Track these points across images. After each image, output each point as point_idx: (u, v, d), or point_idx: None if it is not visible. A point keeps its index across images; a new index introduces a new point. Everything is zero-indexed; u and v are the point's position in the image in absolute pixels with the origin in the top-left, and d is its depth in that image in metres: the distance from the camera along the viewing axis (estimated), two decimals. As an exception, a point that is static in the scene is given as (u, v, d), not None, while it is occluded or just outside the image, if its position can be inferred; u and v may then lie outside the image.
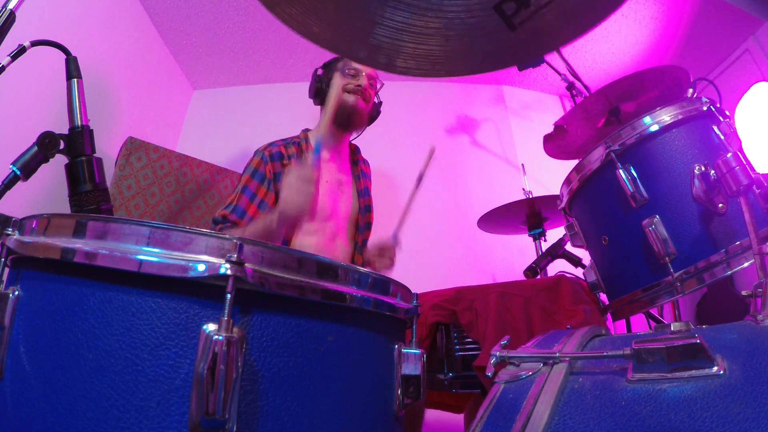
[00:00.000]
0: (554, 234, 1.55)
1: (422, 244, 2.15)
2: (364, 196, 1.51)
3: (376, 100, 1.51)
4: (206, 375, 0.39)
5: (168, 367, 0.41)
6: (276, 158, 1.33)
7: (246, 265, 0.42)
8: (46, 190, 1.36)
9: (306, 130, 1.50)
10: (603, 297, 0.94)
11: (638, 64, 2.37)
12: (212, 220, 1.30)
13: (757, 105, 1.95)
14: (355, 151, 1.58)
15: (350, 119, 1.40)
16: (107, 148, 1.67)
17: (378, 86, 1.48)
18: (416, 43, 0.55)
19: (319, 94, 1.45)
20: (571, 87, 1.75)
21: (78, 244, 0.44)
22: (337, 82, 1.40)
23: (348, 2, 0.51)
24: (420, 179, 1.33)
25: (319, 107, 1.52)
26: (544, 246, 1.46)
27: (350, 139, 1.55)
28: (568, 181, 0.93)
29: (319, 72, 1.48)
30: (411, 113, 2.52)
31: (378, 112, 1.55)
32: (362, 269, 0.55)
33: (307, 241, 1.31)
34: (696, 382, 0.38)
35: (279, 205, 1.07)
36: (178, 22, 2.09)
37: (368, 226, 1.51)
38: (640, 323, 1.35)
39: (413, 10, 0.52)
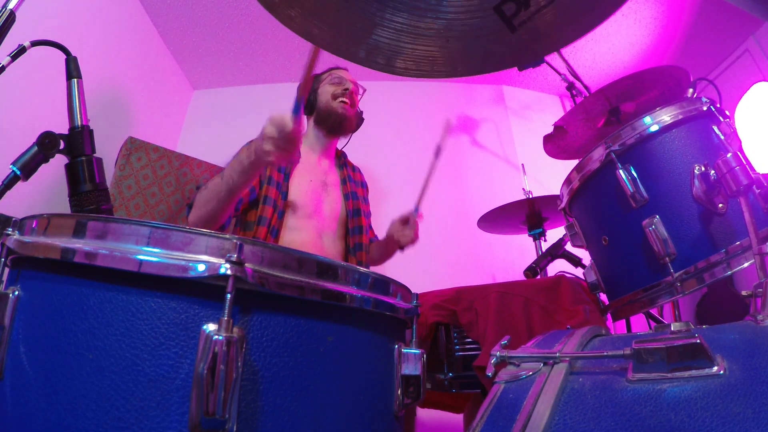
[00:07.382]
0: (554, 234, 1.55)
1: (422, 244, 2.14)
2: (352, 199, 1.52)
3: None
4: (206, 375, 0.39)
5: (168, 367, 0.41)
6: None
7: (246, 265, 0.43)
8: (46, 190, 1.36)
9: None
10: (603, 297, 0.94)
11: (638, 65, 2.37)
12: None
13: (757, 105, 1.95)
14: (341, 155, 1.62)
15: (341, 126, 1.48)
16: (107, 148, 1.65)
17: (360, 92, 1.55)
18: (416, 45, 0.55)
19: (307, 106, 1.51)
20: (571, 87, 1.76)
21: (78, 244, 0.44)
22: (325, 90, 1.49)
23: (348, 4, 0.51)
24: (438, 151, 1.36)
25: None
26: (544, 246, 1.46)
27: (338, 144, 1.60)
28: (568, 181, 0.93)
29: None
30: (411, 113, 2.52)
31: (362, 119, 1.60)
32: (362, 269, 0.55)
33: (292, 237, 1.33)
34: (696, 382, 0.38)
35: (256, 149, 1.00)
36: (178, 22, 2.09)
37: (359, 230, 1.51)
38: (640, 323, 1.35)
39: (413, 11, 0.52)
